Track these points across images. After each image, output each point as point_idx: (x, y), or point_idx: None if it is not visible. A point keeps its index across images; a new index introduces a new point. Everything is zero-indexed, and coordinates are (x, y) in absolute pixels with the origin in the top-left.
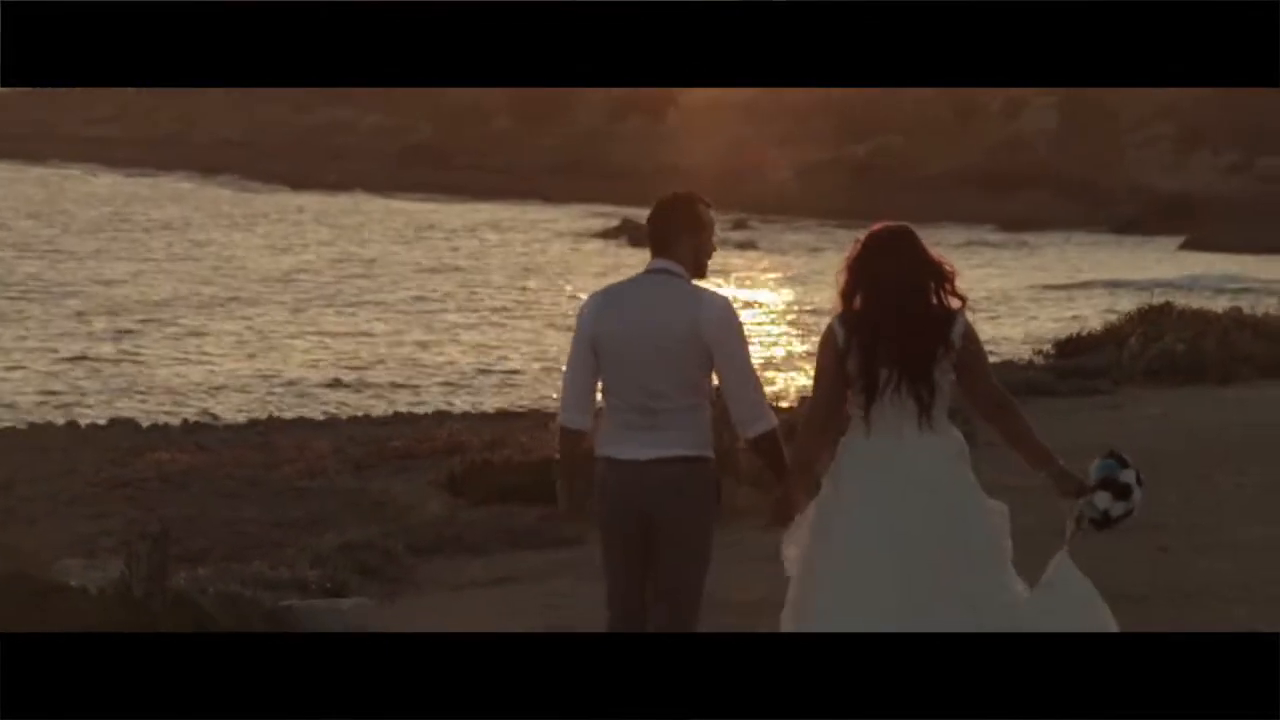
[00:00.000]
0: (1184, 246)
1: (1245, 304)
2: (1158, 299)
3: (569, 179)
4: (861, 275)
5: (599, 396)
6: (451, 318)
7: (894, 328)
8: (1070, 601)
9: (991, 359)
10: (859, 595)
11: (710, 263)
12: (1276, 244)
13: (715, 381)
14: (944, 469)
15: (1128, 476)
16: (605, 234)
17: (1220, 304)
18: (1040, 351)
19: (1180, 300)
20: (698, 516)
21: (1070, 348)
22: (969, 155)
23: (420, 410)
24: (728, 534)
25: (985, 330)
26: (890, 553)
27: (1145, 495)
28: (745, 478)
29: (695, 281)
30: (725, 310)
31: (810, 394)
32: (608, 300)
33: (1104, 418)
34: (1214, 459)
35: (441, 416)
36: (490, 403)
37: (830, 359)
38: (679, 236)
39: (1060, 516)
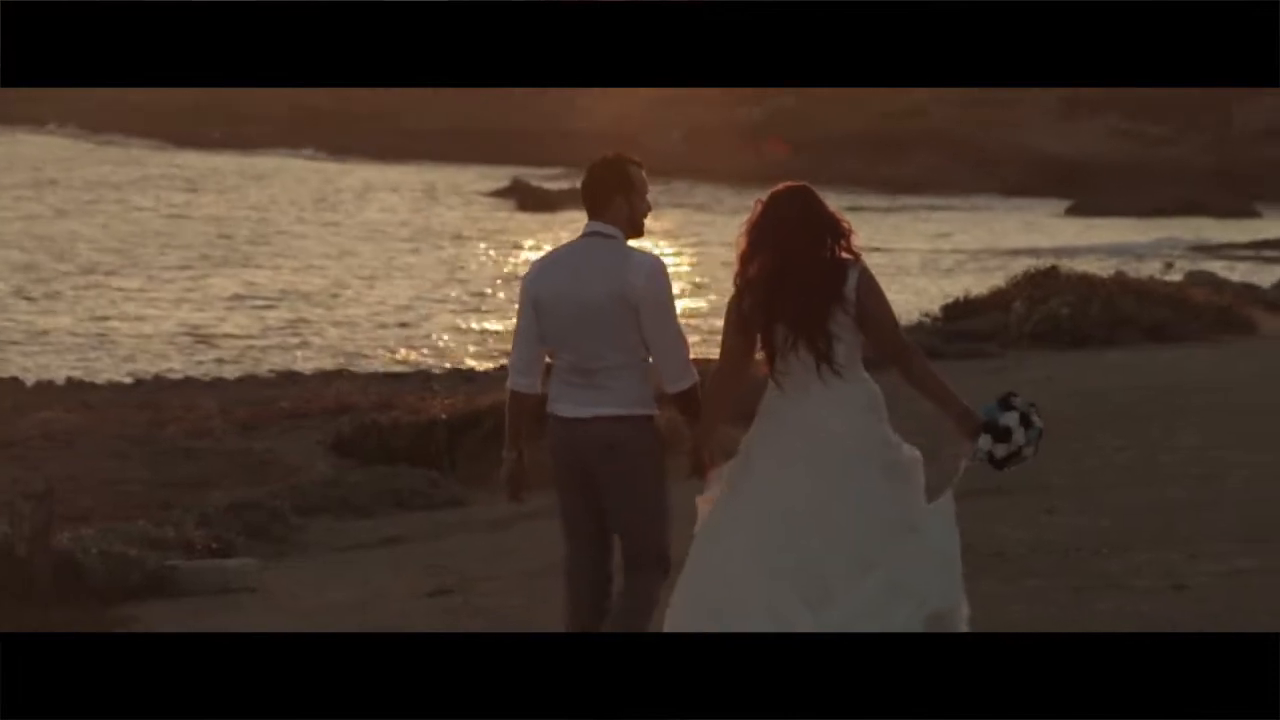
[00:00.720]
0: (1071, 211)
1: (1130, 268)
2: (1044, 263)
3: (460, 140)
4: (760, 236)
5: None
6: (336, 276)
7: (790, 283)
8: (928, 556)
9: None
10: (755, 549)
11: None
12: (1161, 208)
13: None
14: (852, 418)
15: (1008, 419)
16: (496, 194)
17: (1106, 268)
18: (927, 315)
19: (1066, 264)
20: (638, 472)
21: (957, 311)
22: (861, 119)
23: (308, 370)
24: None
25: None
26: (792, 501)
27: (1035, 437)
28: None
29: (631, 241)
30: (654, 270)
31: (719, 352)
32: (546, 264)
33: (991, 381)
34: (1099, 421)
35: (329, 377)
36: (377, 364)
37: (735, 318)
38: (612, 198)
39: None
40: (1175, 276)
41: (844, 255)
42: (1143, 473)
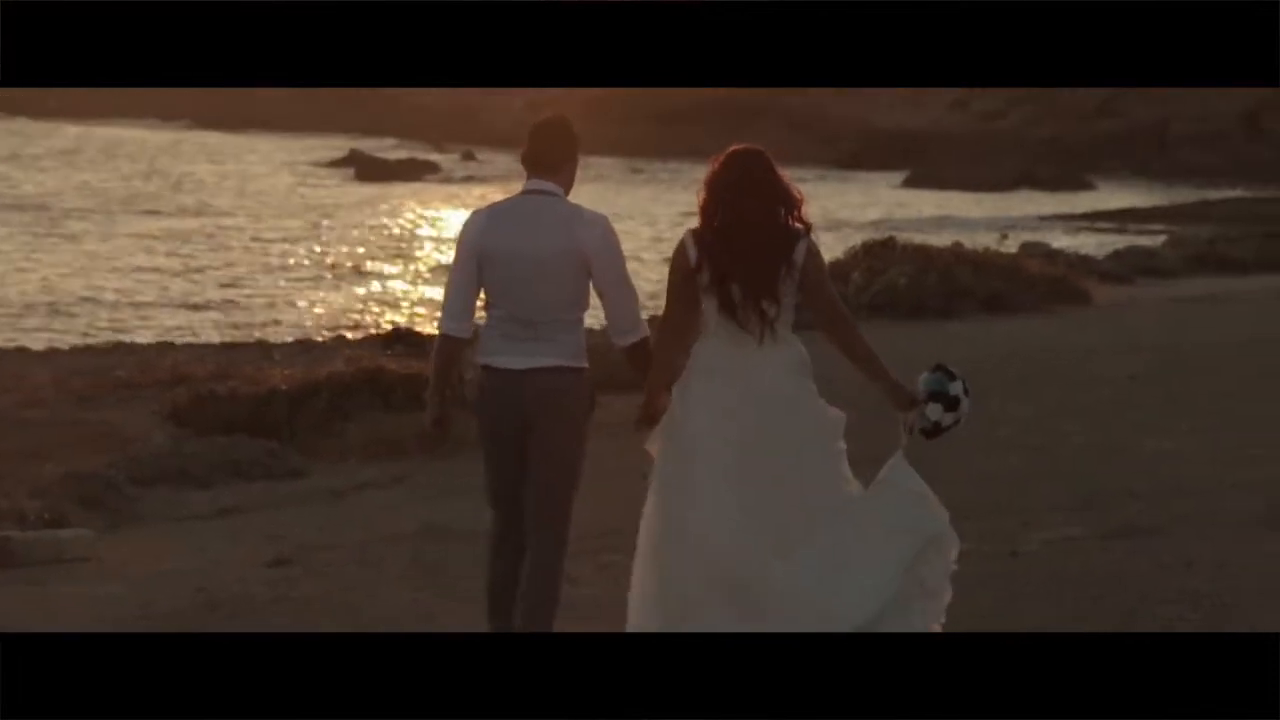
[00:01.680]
0: (907, 183)
1: (966, 239)
2: (881, 234)
3: (296, 109)
4: (719, 195)
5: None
6: (173, 247)
7: (746, 246)
8: (903, 497)
9: None
10: (702, 495)
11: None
12: (996, 181)
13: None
14: (786, 378)
15: (956, 389)
16: (332, 165)
17: (942, 239)
18: None
19: (903, 236)
20: (571, 424)
21: None
22: (705, 90)
23: (143, 341)
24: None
25: None
26: (730, 454)
27: (971, 406)
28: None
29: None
30: (604, 227)
31: (664, 308)
32: (493, 217)
33: (829, 351)
34: None
35: (165, 347)
36: (215, 334)
37: (682, 273)
38: (565, 161)
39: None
40: (1010, 248)
41: (795, 224)
42: (981, 443)
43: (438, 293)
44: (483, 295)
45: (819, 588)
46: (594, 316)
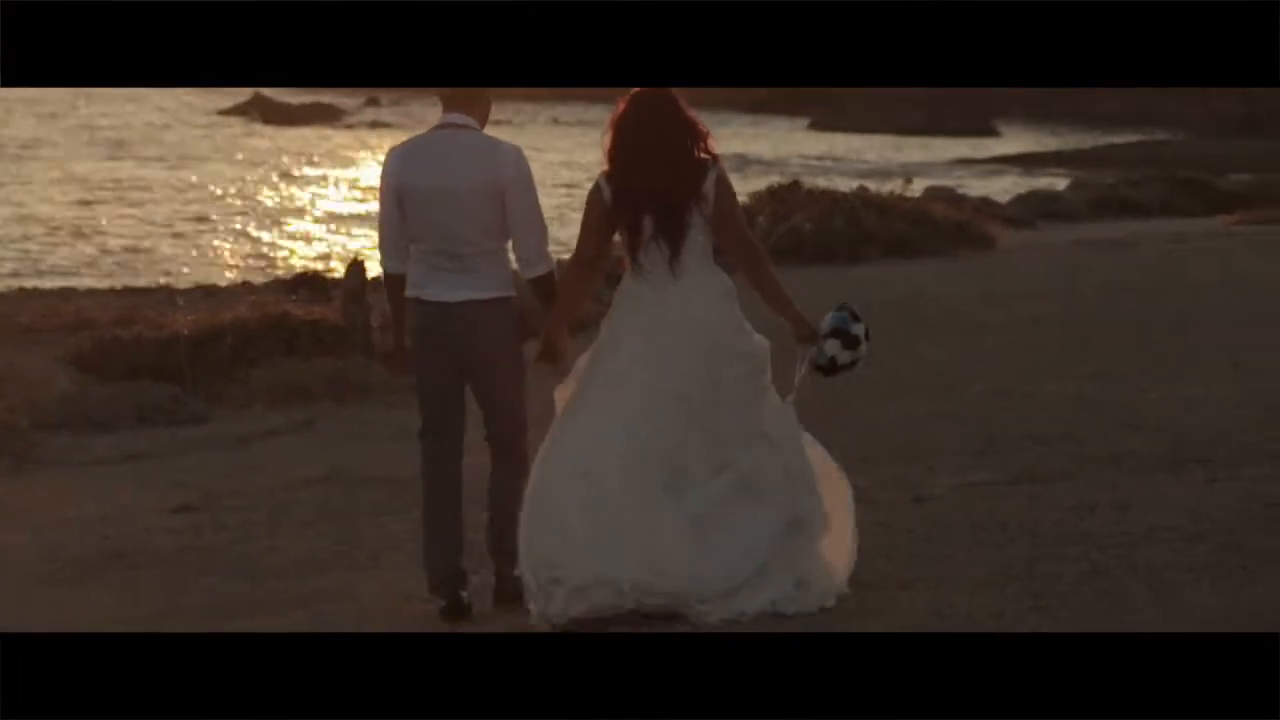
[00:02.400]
0: (812, 127)
1: (871, 184)
2: (786, 178)
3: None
4: (625, 134)
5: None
6: (74, 195)
7: (654, 180)
8: (785, 441)
9: None
10: (615, 417)
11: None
12: (901, 125)
13: None
14: (710, 306)
15: (858, 329)
16: (235, 111)
17: (847, 184)
18: None
19: (808, 180)
20: (506, 349)
21: None
22: None
23: (46, 286)
24: None
25: None
26: (649, 377)
27: (870, 349)
28: None
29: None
30: (518, 158)
31: (575, 244)
32: (408, 153)
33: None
34: None
35: (67, 293)
36: (118, 280)
37: (596, 211)
38: (479, 95)
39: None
40: (915, 193)
41: (702, 156)
42: (887, 386)
43: (342, 239)
44: None
45: (685, 549)
46: None
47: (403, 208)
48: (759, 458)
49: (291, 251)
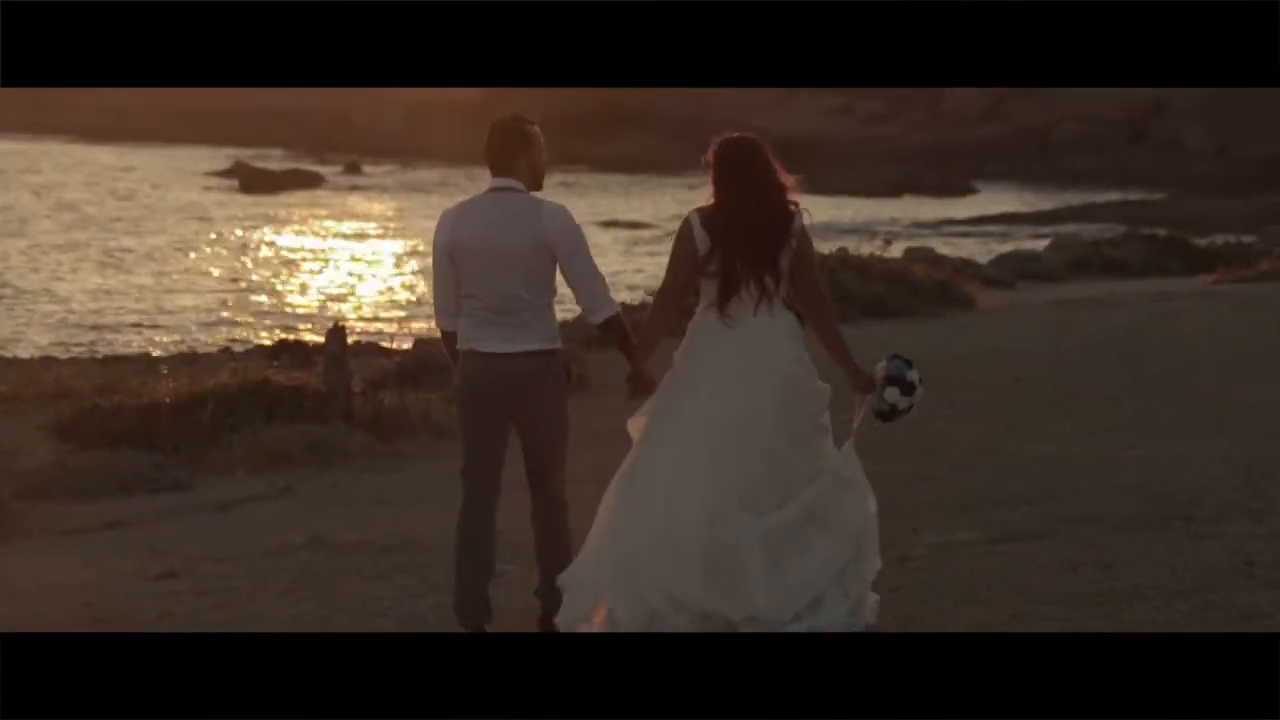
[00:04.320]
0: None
1: (850, 245)
2: None
3: (174, 121)
4: (723, 178)
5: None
6: (57, 259)
7: (751, 226)
8: (854, 478)
9: None
10: (688, 446)
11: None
12: (879, 187)
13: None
14: (781, 345)
15: (913, 376)
16: (216, 175)
17: (827, 245)
18: (651, 293)
19: None
20: (553, 400)
21: None
22: (586, 98)
23: (25, 355)
24: None
25: None
26: (726, 411)
27: (924, 394)
28: None
29: (533, 193)
30: (565, 216)
31: (663, 279)
32: (460, 215)
33: None
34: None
35: (48, 361)
36: (99, 348)
37: (686, 250)
38: (516, 157)
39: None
40: (894, 253)
41: (791, 204)
42: (867, 447)
43: (323, 307)
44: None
45: (762, 569)
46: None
47: (455, 267)
48: (823, 491)
49: (272, 319)
